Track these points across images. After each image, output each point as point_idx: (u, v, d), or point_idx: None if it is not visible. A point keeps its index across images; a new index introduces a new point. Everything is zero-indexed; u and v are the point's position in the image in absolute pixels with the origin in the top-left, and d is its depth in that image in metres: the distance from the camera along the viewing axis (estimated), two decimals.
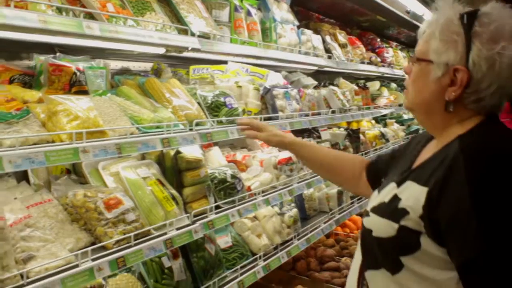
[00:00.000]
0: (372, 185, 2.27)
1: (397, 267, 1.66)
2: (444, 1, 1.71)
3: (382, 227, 1.69)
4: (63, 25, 2.09)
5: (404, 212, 1.63)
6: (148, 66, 4.00)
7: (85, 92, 2.55)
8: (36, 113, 2.29)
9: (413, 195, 1.63)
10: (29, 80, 2.61)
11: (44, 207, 2.47)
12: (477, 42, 1.59)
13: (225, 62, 4.03)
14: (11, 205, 2.31)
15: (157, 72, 3.68)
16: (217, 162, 3.82)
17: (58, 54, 2.60)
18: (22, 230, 2.22)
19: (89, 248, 2.32)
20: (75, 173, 2.99)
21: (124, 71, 3.70)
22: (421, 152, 1.87)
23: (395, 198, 1.70)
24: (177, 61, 4.09)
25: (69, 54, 2.78)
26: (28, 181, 2.69)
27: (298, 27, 4.40)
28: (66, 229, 2.46)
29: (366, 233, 1.77)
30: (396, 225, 1.64)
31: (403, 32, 8.05)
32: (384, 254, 1.70)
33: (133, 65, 3.88)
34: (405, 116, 7.96)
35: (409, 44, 8.85)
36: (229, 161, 3.95)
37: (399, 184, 1.74)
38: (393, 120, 7.24)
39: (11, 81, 2.52)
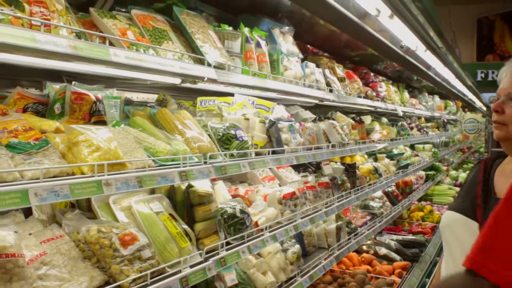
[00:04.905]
0: None
1: None
2: None
3: None
4: (91, 51, 1.97)
5: None
6: (150, 97, 3.90)
7: (103, 123, 2.43)
8: (55, 144, 2.17)
9: None
10: (42, 109, 2.48)
11: (56, 243, 2.33)
12: None
13: (230, 94, 3.94)
14: (26, 241, 2.17)
15: (161, 103, 3.58)
16: (222, 196, 3.71)
17: (74, 82, 2.48)
18: (38, 268, 2.09)
19: None
20: (79, 207, 2.85)
21: (128, 102, 3.59)
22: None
23: None
24: (176, 93, 3.99)
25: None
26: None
27: (302, 60, 4.35)
28: (79, 267, 2.32)
29: None
30: None
31: (390, 67, 8.10)
32: None
33: (136, 96, 3.78)
34: (395, 151, 7.94)
35: (395, 79, 8.91)
36: (232, 196, 3.84)
37: None
38: (384, 155, 7.21)
39: (24, 110, 2.39)
